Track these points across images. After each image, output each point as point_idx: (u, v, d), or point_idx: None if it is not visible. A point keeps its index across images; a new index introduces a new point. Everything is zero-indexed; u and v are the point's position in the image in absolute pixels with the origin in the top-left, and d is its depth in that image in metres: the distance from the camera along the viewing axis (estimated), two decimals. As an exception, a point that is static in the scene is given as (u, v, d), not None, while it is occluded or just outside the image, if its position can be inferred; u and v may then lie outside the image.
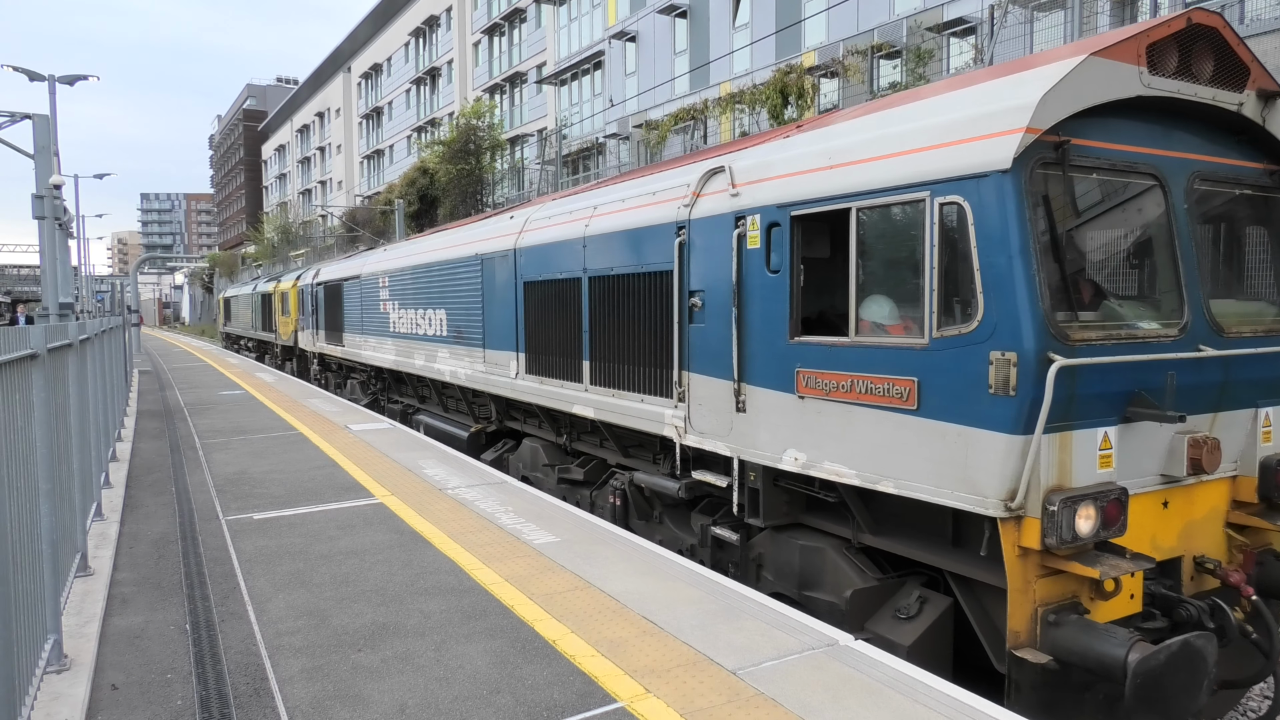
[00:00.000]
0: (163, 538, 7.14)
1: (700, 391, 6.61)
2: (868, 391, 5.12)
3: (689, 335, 6.71)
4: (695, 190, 6.71)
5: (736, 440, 6.24)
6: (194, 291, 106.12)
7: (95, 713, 4.07)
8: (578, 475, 9.09)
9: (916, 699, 4.04)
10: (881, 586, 5.56)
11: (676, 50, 31.73)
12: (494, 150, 40.10)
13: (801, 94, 22.38)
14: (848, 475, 5.32)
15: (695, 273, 6.63)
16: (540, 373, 9.32)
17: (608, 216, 8.00)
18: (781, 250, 5.77)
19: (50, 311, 15.25)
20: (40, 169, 15.10)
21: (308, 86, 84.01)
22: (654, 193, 7.35)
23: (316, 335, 21.54)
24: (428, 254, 13.12)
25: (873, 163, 5.16)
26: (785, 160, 5.90)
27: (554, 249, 8.95)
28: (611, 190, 8.38)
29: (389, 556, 6.45)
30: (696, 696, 4.11)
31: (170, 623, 5.21)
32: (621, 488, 8.23)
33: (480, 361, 10.96)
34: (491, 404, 11.38)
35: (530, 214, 9.99)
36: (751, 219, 6.01)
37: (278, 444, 11.72)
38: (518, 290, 9.74)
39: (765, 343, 5.91)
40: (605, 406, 8.03)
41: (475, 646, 4.75)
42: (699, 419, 6.66)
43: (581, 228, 8.38)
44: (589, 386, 8.31)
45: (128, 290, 40.42)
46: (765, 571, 6.40)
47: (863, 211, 5.19)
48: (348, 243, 48.25)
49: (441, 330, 12.37)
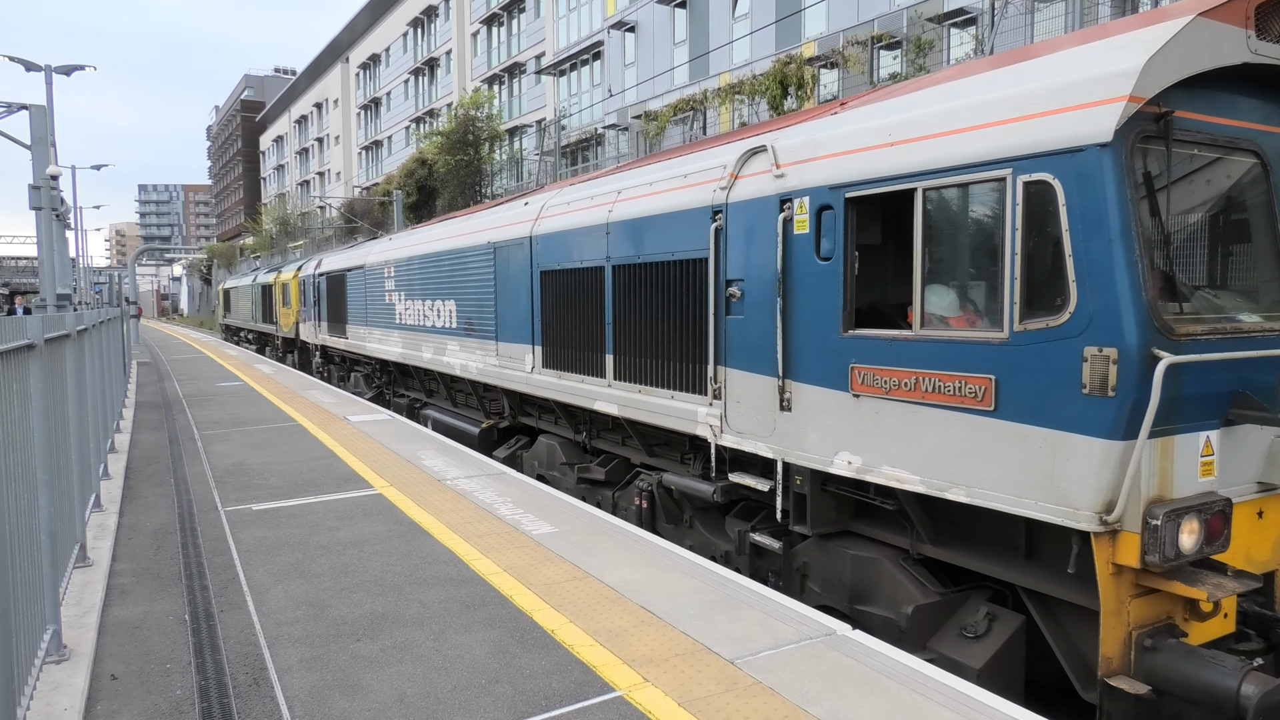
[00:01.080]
0: (162, 529, 7.14)
1: (738, 388, 6.19)
2: (935, 390, 4.70)
3: (726, 328, 6.29)
4: (733, 172, 6.24)
5: (780, 441, 5.82)
6: (192, 283, 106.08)
7: (95, 703, 4.08)
8: (599, 475, 8.70)
9: (914, 688, 4.05)
10: (944, 601, 5.13)
11: (676, 40, 31.62)
12: (493, 141, 39.99)
13: (801, 85, 22.31)
14: (910, 481, 4.90)
15: (733, 260, 6.19)
16: (558, 367, 8.90)
17: (634, 201, 7.55)
18: (833, 235, 5.32)
19: (48, 303, 15.23)
20: (37, 160, 15.06)
21: (306, 77, 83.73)
22: (685, 175, 6.91)
23: (319, 327, 21.18)
24: (436, 243, 12.70)
25: (942, 138, 4.71)
26: (837, 138, 5.44)
27: (574, 236, 8.49)
28: (637, 174, 7.91)
29: (388, 547, 6.45)
30: (694, 685, 4.12)
31: (169, 613, 5.21)
32: (648, 489, 7.75)
33: (493, 355, 10.54)
34: (504, 399, 10.99)
35: (547, 200, 9.54)
36: (799, 202, 5.56)
37: (276, 435, 11.72)
38: (533, 280, 9.30)
39: (814, 336, 5.48)
40: (630, 403, 7.61)
41: (474, 636, 4.76)
42: (737, 418, 6.24)
43: (604, 213, 7.92)
44: (612, 382, 7.89)
45: (126, 282, 40.38)
46: (811, 582, 5.99)
47: (930, 192, 4.75)
48: (346, 234, 48.17)
49: (451, 322, 11.96)
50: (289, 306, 25.83)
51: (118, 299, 30.05)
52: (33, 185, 14.94)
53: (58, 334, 5.42)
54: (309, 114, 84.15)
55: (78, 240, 54.36)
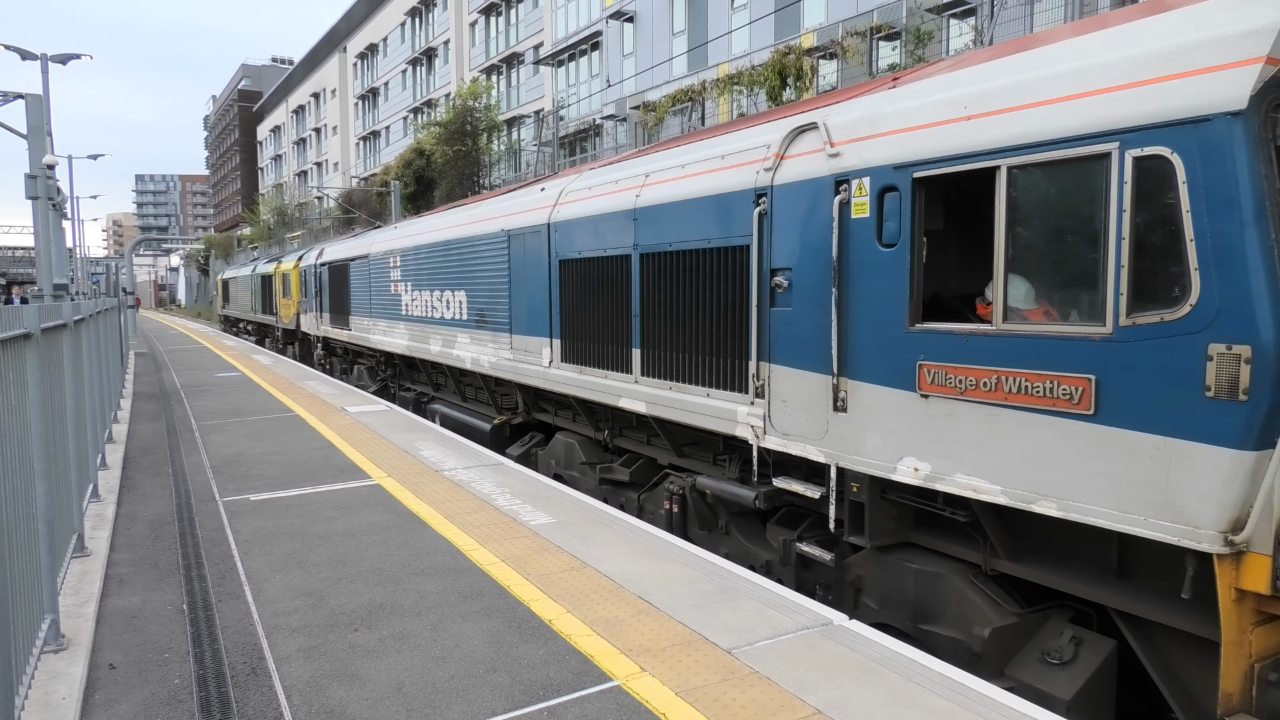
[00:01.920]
0: (160, 519, 7.14)
1: (785, 386, 5.74)
2: (1021, 391, 4.27)
3: (770, 321, 5.83)
4: (778, 152, 5.76)
5: (834, 444, 5.38)
6: (190, 273, 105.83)
7: (93, 692, 4.09)
8: (622, 476, 8.25)
9: (911, 677, 4.07)
10: (1022, 623, 4.74)
11: (675, 31, 31.52)
12: (491, 131, 39.91)
13: (800, 75, 22.25)
14: (989, 492, 4.46)
15: (779, 247, 5.72)
16: (579, 361, 8.46)
17: (664, 185, 7.10)
18: (898, 219, 4.87)
19: (45, 293, 15.20)
20: (33, 149, 15.01)
21: (303, 67, 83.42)
22: (723, 156, 6.46)
23: (320, 318, 20.84)
24: (445, 231, 12.20)
25: (1031, 110, 4.26)
26: (902, 112, 4.97)
27: (597, 223, 8.02)
28: (667, 155, 7.45)
29: (386, 537, 6.46)
30: (691, 675, 4.13)
31: (167, 603, 5.22)
32: (680, 493, 7.29)
33: (506, 348, 10.09)
34: (518, 394, 10.55)
35: (566, 185, 9.06)
36: (857, 183, 5.12)
37: (275, 426, 11.72)
38: (552, 269, 8.85)
39: (875, 330, 5.03)
40: (660, 401, 7.14)
41: (472, 626, 4.77)
42: (782, 418, 5.79)
43: (631, 198, 7.46)
44: (639, 378, 7.42)
45: (123, 272, 40.30)
46: (866, 598, 5.55)
47: (1016, 170, 4.31)
48: (344, 224, 48.08)
49: (461, 313, 11.52)
50: (289, 297, 25.52)
51: (115, 289, 29.98)
52: (29, 175, 14.88)
53: (54, 324, 5.41)
54: (306, 104, 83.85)
55: (75, 230, 54.19)
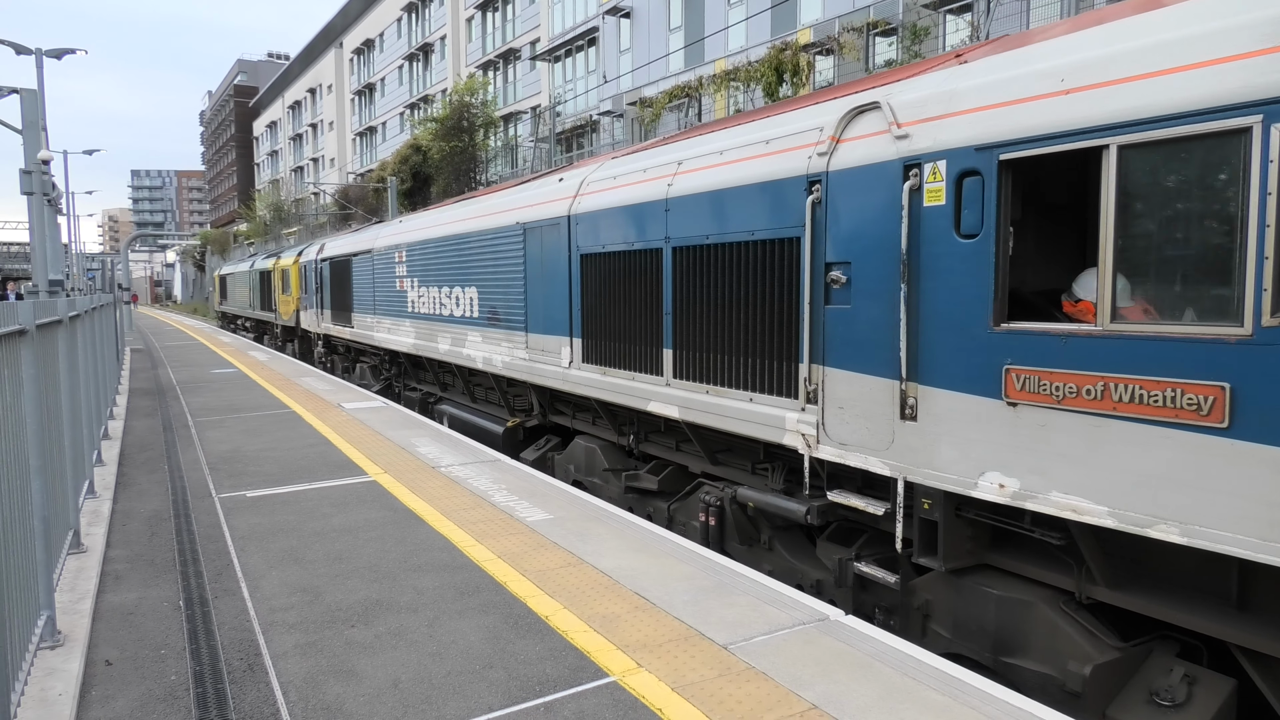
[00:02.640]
0: (156, 515, 7.14)
1: (842, 391, 5.27)
2: (1134, 400, 3.81)
3: (825, 319, 5.37)
4: (834, 135, 5.32)
5: (901, 456, 4.90)
6: (186, 269, 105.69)
7: (89, 688, 4.09)
8: (650, 485, 7.76)
9: (906, 672, 4.08)
10: (1124, 658, 4.32)
11: (671, 26, 31.48)
12: (487, 127, 39.86)
13: (796, 71, 22.24)
14: (1093, 514, 4.00)
15: (836, 239, 5.27)
16: (602, 362, 7.94)
17: (699, 173, 6.62)
18: (979, 206, 4.43)
19: (40, 289, 15.16)
20: (28, 144, 14.96)
21: (299, 62, 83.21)
22: (768, 141, 6.00)
23: (321, 315, 20.34)
24: (454, 224, 11.62)
25: (1149, 80, 3.80)
26: (983, 88, 4.52)
27: (623, 214, 7.54)
28: (701, 142, 6.97)
29: (382, 533, 6.46)
30: (688, 670, 4.14)
31: (164, 599, 5.22)
32: (717, 504, 6.80)
33: (521, 347, 9.55)
34: (533, 396, 10.02)
35: (587, 175, 8.54)
36: (931, 167, 4.67)
37: (271, 422, 11.71)
38: (572, 264, 8.34)
39: (952, 331, 4.58)
40: (695, 406, 6.64)
41: (468, 622, 4.77)
42: (839, 426, 5.31)
43: (662, 188, 6.98)
44: (671, 380, 6.93)
45: (119, 268, 40.18)
46: (936, 624, 5.11)
47: (1129, 149, 3.83)
48: (340, 220, 47.99)
49: (471, 311, 10.95)
50: (289, 294, 25.16)
51: (111, 285, 29.88)
52: (24, 170, 14.82)
53: (49, 320, 5.40)
54: (303, 99, 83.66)
55: (70, 226, 54.02)
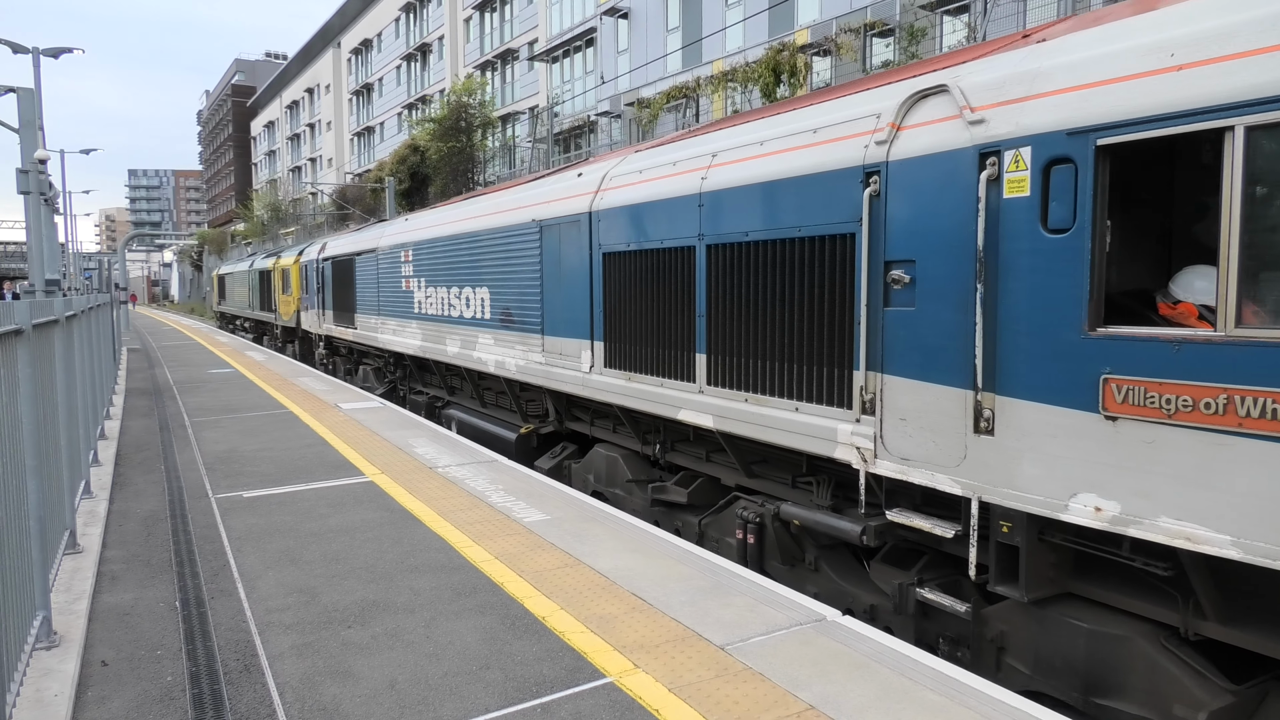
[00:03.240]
0: (152, 515, 7.13)
1: (904, 401, 4.88)
2: (1266, 415, 3.44)
3: (884, 323, 4.98)
4: (894, 121, 4.94)
5: (974, 473, 4.50)
6: (183, 269, 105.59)
7: (85, 688, 4.08)
8: (679, 497, 7.33)
9: (903, 673, 4.08)
10: (1239, 702, 3.97)
11: (669, 27, 31.50)
12: (485, 128, 39.85)
13: (794, 72, 22.26)
14: (1212, 542, 3.59)
15: (897, 235, 4.90)
16: (627, 367, 7.53)
17: (737, 166, 6.21)
18: (1069, 198, 4.06)
19: (36, 288, 15.13)
20: (25, 144, 14.93)
21: (297, 62, 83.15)
22: (815, 130, 5.61)
23: (323, 316, 19.83)
24: (465, 222, 11.17)
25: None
26: (1073, 66, 4.13)
27: (650, 210, 7.14)
28: (739, 132, 6.56)
29: (379, 534, 6.46)
30: (685, 671, 4.14)
31: (160, 600, 5.21)
32: (756, 521, 6.38)
33: (537, 350, 9.12)
34: (549, 401, 9.59)
35: (609, 169, 8.13)
36: (1012, 155, 4.31)
37: (268, 422, 11.70)
38: (593, 263, 7.96)
39: (1037, 336, 4.21)
40: (733, 415, 6.22)
41: (465, 623, 4.77)
42: (900, 439, 4.92)
43: (696, 181, 6.59)
44: (704, 387, 6.53)
45: (116, 268, 40.13)
46: (1013, 659, 4.71)
47: (1260, 131, 3.41)
48: (338, 221, 47.96)
49: (483, 312, 10.52)
50: (289, 294, 24.67)
51: (108, 285, 29.81)
52: (20, 169, 14.79)
53: (46, 319, 5.39)
54: (300, 99, 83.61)
55: (67, 225, 53.97)
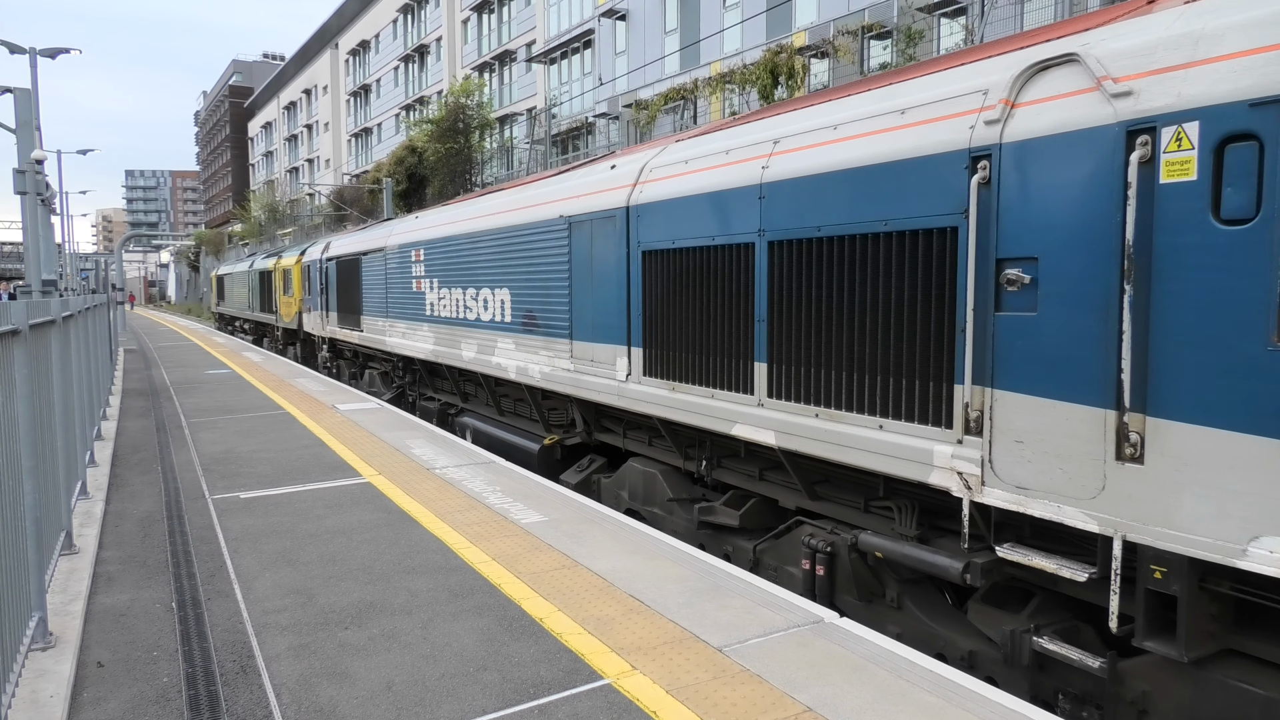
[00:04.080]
0: (149, 516, 7.11)
1: (1022, 420, 4.28)
2: None
3: (997, 330, 4.39)
4: (1007, 97, 4.35)
5: (1117, 508, 3.93)
6: (180, 270, 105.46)
7: (81, 689, 4.07)
8: (729, 520, 6.66)
9: (900, 675, 4.08)
10: None
11: (667, 29, 31.53)
12: (483, 129, 39.84)
13: (792, 74, 22.28)
14: None
15: (1015, 228, 4.33)
16: (670, 376, 6.92)
17: (805, 153, 5.60)
18: (1256, 182, 3.48)
19: (33, 289, 15.11)
20: (22, 144, 14.91)
21: (295, 63, 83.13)
22: (903, 111, 4.98)
23: (326, 318, 19.21)
24: (483, 219, 10.54)
25: None
26: (1252, 25, 3.52)
27: (699, 204, 6.57)
28: (806, 115, 5.93)
29: (376, 535, 6.45)
30: (682, 673, 4.14)
31: (156, 601, 5.20)
32: (827, 550, 5.68)
33: (564, 357, 8.53)
34: (576, 410, 8.99)
35: (649, 160, 7.50)
36: (1173, 133, 3.73)
37: (265, 423, 11.68)
38: (631, 263, 7.39)
39: (1208, 346, 3.65)
40: (800, 432, 5.59)
41: (462, 624, 4.76)
42: (1016, 464, 4.32)
43: (754, 171, 6.00)
44: (764, 400, 5.93)
45: (112, 268, 40.05)
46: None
47: None
48: (335, 222, 47.92)
49: (503, 314, 9.91)
50: (291, 295, 24.16)
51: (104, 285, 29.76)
52: (17, 170, 14.77)
53: (42, 320, 5.38)
54: (298, 100, 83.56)
55: (64, 225, 53.93)
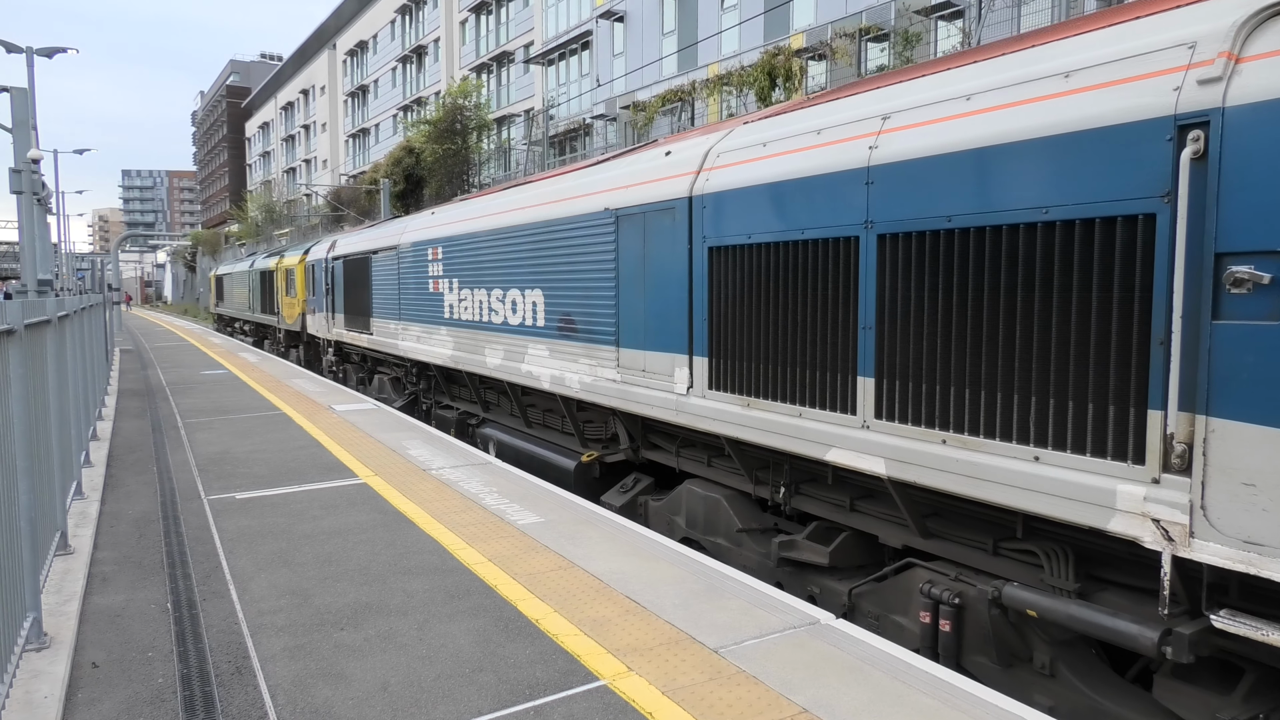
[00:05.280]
0: (144, 517, 7.10)
1: (1252, 458, 3.47)
2: None
3: (1215, 342, 3.60)
4: (1228, 50, 3.57)
5: None
6: (176, 270, 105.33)
7: (75, 690, 4.05)
8: (817, 558, 5.76)
9: (897, 676, 4.08)
10: None
11: (665, 31, 31.56)
12: (480, 130, 39.85)
13: (789, 76, 22.31)
14: None
15: (1243, 214, 3.56)
16: (744, 390, 6.09)
17: (926, 129, 4.75)
18: None
19: (29, 288, 15.08)
20: (18, 143, 14.89)
21: (292, 63, 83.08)
22: (1066, 74, 4.18)
23: (332, 320, 18.43)
24: (512, 213, 9.73)
25: None
26: None
27: (785, 192, 5.70)
28: (921, 87, 5.03)
29: (372, 536, 6.44)
30: (678, 674, 4.13)
31: (151, 601, 5.18)
32: (952, 602, 4.77)
33: (609, 365, 7.75)
34: (620, 424, 8.19)
35: (713, 144, 6.66)
36: None
37: (261, 424, 11.66)
38: (694, 260, 6.63)
39: None
40: (921, 460, 4.71)
41: (458, 625, 4.76)
42: (1244, 513, 3.49)
43: (859, 153, 5.15)
44: (871, 421, 5.05)
45: (109, 268, 40.01)
46: None
47: None
48: (332, 222, 47.90)
49: (534, 318, 9.19)
50: (294, 295, 23.42)
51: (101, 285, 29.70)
52: (13, 169, 14.75)
53: (38, 319, 5.37)
54: (295, 101, 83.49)
55: (60, 225, 53.86)
